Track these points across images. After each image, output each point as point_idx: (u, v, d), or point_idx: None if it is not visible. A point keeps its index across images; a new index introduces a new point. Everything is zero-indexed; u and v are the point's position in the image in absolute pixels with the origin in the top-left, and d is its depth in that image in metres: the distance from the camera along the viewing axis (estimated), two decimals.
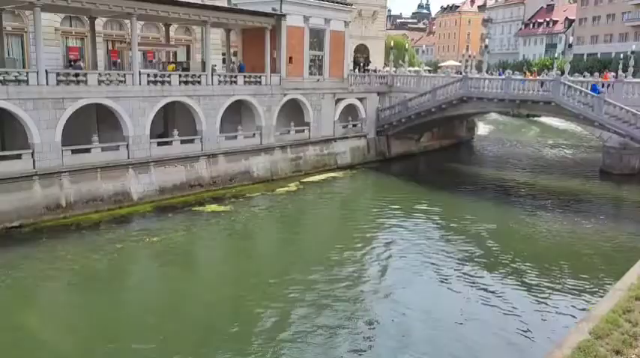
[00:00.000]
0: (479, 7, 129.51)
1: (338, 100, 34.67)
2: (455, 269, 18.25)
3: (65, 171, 21.93)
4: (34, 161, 21.13)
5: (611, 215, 26.48)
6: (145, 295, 16.47)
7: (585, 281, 17.26)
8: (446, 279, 17.48)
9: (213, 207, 24.70)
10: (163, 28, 32.74)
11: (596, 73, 38.90)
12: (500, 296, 16.12)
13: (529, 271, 18.08)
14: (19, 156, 20.94)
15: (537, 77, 34.77)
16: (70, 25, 31.57)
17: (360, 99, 36.41)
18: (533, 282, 17.19)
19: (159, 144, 25.65)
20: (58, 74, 22.17)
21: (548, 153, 44.68)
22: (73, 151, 22.37)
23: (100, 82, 23.24)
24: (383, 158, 37.55)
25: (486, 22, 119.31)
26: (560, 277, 17.63)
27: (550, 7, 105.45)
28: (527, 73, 41.17)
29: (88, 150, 22.96)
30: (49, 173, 21.46)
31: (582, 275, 17.71)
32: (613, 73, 39.85)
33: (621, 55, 56.65)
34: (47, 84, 21.41)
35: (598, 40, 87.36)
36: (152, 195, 24.78)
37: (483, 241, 21.36)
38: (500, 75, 36.65)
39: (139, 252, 19.71)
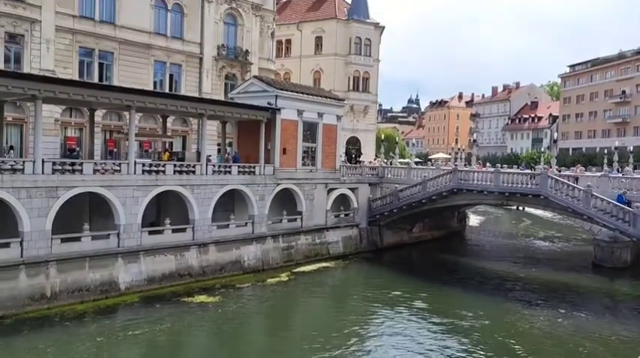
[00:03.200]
0: (466, 102, 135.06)
1: (330, 190, 35.08)
2: None
3: (53, 260, 21.55)
4: (22, 249, 20.82)
5: (607, 309, 26.05)
6: None
7: None
8: None
9: (202, 298, 24.12)
10: (161, 120, 33.68)
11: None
12: None
13: None
14: (7, 245, 20.65)
15: (483, 168, 37.40)
16: (70, 116, 32.46)
17: (352, 190, 36.85)
18: None
19: (150, 232, 25.50)
20: (54, 163, 22.45)
21: (540, 246, 44.69)
22: (63, 240, 22.12)
23: (95, 171, 23.50)
24: (375, 248, 37.38)
25: (474, 116, 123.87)
26: None
27: (534, 104, 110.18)
28: (479, 165, 43.82)
29: (78, 239, 22.75)
30: (37, 262, 21.07)
31: None
32: (557, 167, 40.93)
33: (605, 151, 58.54)
34: (43, 173, 21.62)
35: (582, 136, 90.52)
36: (140, 284, 24.28)
37: (478, 337, 20.81)
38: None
39: (120, 346, 18.96)
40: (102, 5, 33.74)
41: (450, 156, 72.04)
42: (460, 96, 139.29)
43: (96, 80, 32.70)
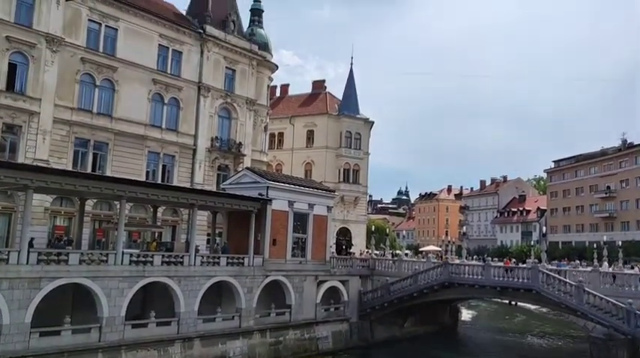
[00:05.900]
0: (455, 195, 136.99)
1: (320, 283, 34.49)
2: None
3: (29, 356, 20.57)
4: None
5: None
6: None
7: None
8: None
9: None
10: (151, 209, 33.66)
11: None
12: None
13: None
14: None
15: (453, 261, 37.72)
16: (61, 205, 32.36)
17: (343, 282, 36.26)
18: None
19: (134, 326, 24.62)
20: (39, 253, 22.10)
21: (534, 342, 43.46)
22: (42, 334, 21.23)
23: (81, 262, 23.11)
24: (366, 344, 36.13)
25: (463, 209, 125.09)
26: None
27: (522, 198, 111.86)
28: (446, 257, 45.01)
29: (57, 333, 21.89)
30: None
31: None
32: (514, 260, 41.22)
33: (594, 245, 58.71)
34: (27, 263, 21.22)
35: (571, 230, 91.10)
36: None
37: None
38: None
39: None
40: (100, 98, 34.84)
41: (440, 249, 71.89)
42: (449, 189, 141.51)
43: (89, 170, 33.03)
